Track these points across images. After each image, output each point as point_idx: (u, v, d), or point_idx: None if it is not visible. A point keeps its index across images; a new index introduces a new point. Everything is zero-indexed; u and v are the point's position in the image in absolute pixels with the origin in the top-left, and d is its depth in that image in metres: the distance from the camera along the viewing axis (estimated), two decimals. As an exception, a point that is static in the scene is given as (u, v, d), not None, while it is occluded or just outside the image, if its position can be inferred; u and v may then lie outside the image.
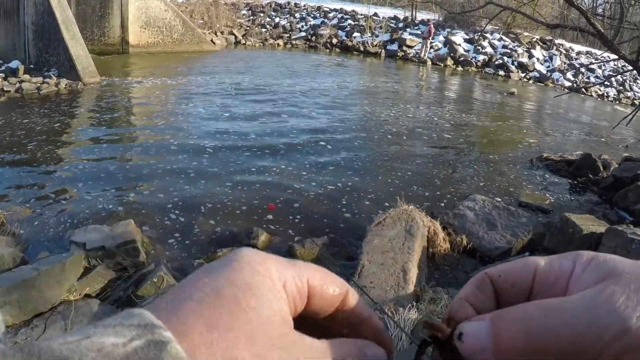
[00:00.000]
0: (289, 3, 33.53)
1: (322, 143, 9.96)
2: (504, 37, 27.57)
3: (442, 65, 25.00)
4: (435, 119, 13.29)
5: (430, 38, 25.54)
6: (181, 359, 0.31)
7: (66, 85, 13.12)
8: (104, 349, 0.30)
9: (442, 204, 7.60)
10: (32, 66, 14.29)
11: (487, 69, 25.24)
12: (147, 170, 7.92)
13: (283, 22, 29.78)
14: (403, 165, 9.14)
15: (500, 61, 25.54)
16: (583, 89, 22.24)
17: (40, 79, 13.10)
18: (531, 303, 0.40)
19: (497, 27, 27.01)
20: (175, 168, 8.05)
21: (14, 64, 13.85)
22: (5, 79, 12.83)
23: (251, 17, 30.43)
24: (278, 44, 26.74)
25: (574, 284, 0.42)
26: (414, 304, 4.33)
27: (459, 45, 26.69)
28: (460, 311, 0.46)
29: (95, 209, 6.54)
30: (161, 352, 0.31)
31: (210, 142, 9.44)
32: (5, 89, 12.28)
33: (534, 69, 25.28)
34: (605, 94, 23.58)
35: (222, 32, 25.99)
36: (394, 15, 30.95)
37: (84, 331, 0.31)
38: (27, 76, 13.20)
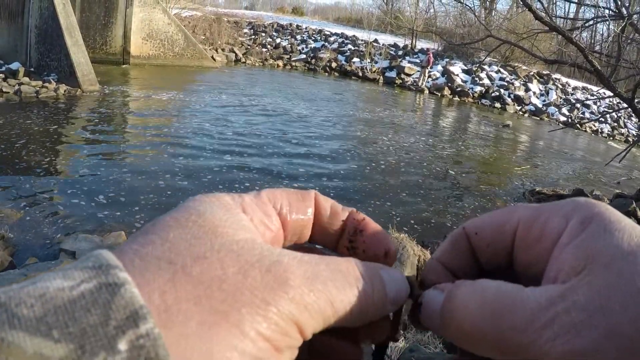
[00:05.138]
0: (290, 24, 33.87)
1: (307, 168, 9.92)
2: (501, 70, 27.89)
3: (439, 94, 25.18)
4: (430, 149, 13.35)
5: (429, 67, 25.79)
6: (136, 303, 0.26)
7: (65, 91, 13.11)
8: (46, 294, 0.25)
9: (433, 234, 7.59)
10: (32, 69, 14.29)
11: (483, 100, 25.46)
12: (141, 182, 7.89)
13: (284, 43, 30.03)
14: (395, 193, 9.12)
15: (497, 93, 25.79)
16: (578, 125, 22.46)
17: (40, 82, 13.10)
18: (489, 284, 0.36)
19: (496, 60, 27.35)
20: (169, 182, 8.02)
21: (15, 65, 13.85)
22: (4, 79, 12.82)
23: (253, 36, 30.70)
24: (278, 65, 26.92)
25: (557, 254, 0.36)
26: (402, 332, 4.30)
27: (457, 75, 26.96)
28: (430, 274, 0.43)
29: (86, 218, 6.49)
30: (113, 295, 0.26)
31: (205, 159, 9.45)
32: (4, 90, 12.27)
33: (530, 103, 25.54)
34: (600, 130, 23.82)
35: (223, 49, 26.17)
36: (394, 43, 31.27)
37: (35, 278, 0.27)
38: (26, 79, 13.20)
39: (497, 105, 25.04)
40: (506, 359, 0.34)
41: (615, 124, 24.66)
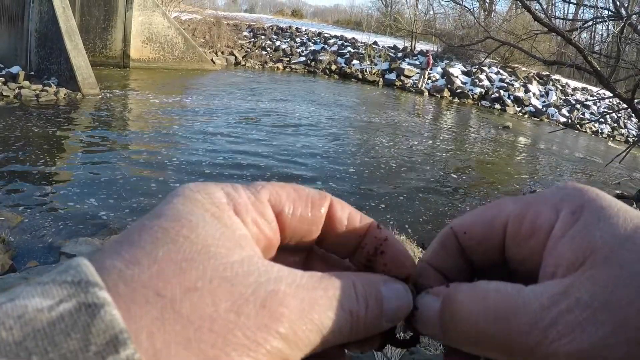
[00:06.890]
0: (290, 27, 33.93)
1: (305, 170, 9.91)
2: (501, 71, 27.88)
3: (439, 96, 25.13)
4: (430, 151, 13.35)
5: (429, 69, 25.75)
6: (116, 327, 0.25)
7: (65, 94, 13.12)
8: (25, 315, 0.24)
9: (433, 236, 7.52)
10: (32, 73, 14.31)
11: (483, 102, 25.41)
12: (140, 185, 7.90)
13: (284, 46, 30.05)
14: (395, 195, 9.11)
15: (497, 94, 25.75)
16: (578, 125, 22.44)
17: (40, 86, 13.10)
18: (488, 287, 0.35)
19: (495, 61, 27.35)
20: (168, 185, 8.02)
21: (15, 69, 13.89)
22: (5, 83, 12.82)
23: (252, 39, 30.72)
24: (278, 67, 26.92)
25: (551, 247, 0.35)
26: (402, 335, 4.31)
27: (457, 77, 26.94)
28: (421, 277, 0.41)
29: (86, 221, 6.49)
30: (93, 318, 0.25)
31: (203, 162, 9.45)
32: (4, 93, 12.27)
33: (530, 104, 25.50)
34: (600, 131, 23.77)
35: (222, 52, 26.18)
36: (394, 45, 31.29)
37: (13, 292, 0.26)
38: (26, 82, 13.20)
39: (497, 106, 25.00)
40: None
41: (615, 125, 24.60)
